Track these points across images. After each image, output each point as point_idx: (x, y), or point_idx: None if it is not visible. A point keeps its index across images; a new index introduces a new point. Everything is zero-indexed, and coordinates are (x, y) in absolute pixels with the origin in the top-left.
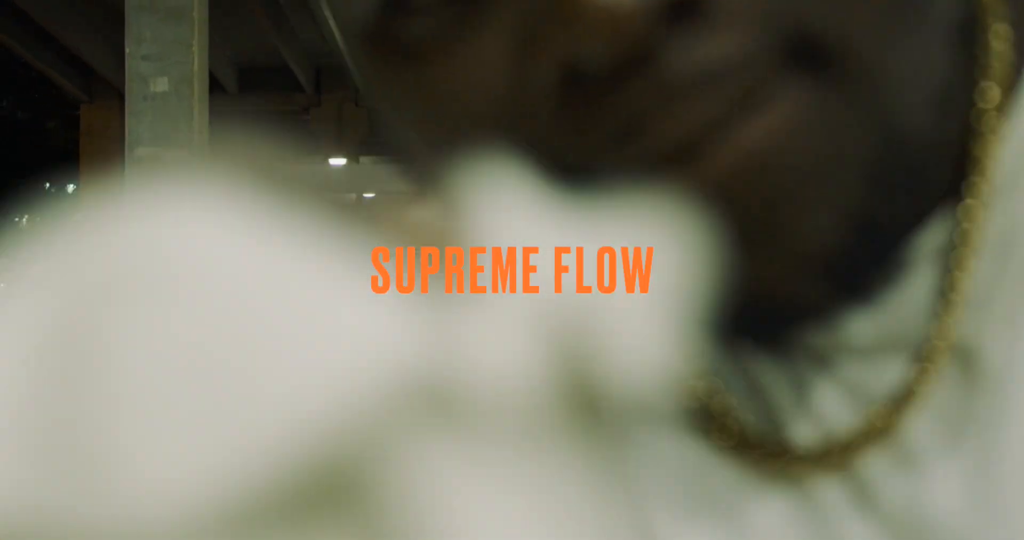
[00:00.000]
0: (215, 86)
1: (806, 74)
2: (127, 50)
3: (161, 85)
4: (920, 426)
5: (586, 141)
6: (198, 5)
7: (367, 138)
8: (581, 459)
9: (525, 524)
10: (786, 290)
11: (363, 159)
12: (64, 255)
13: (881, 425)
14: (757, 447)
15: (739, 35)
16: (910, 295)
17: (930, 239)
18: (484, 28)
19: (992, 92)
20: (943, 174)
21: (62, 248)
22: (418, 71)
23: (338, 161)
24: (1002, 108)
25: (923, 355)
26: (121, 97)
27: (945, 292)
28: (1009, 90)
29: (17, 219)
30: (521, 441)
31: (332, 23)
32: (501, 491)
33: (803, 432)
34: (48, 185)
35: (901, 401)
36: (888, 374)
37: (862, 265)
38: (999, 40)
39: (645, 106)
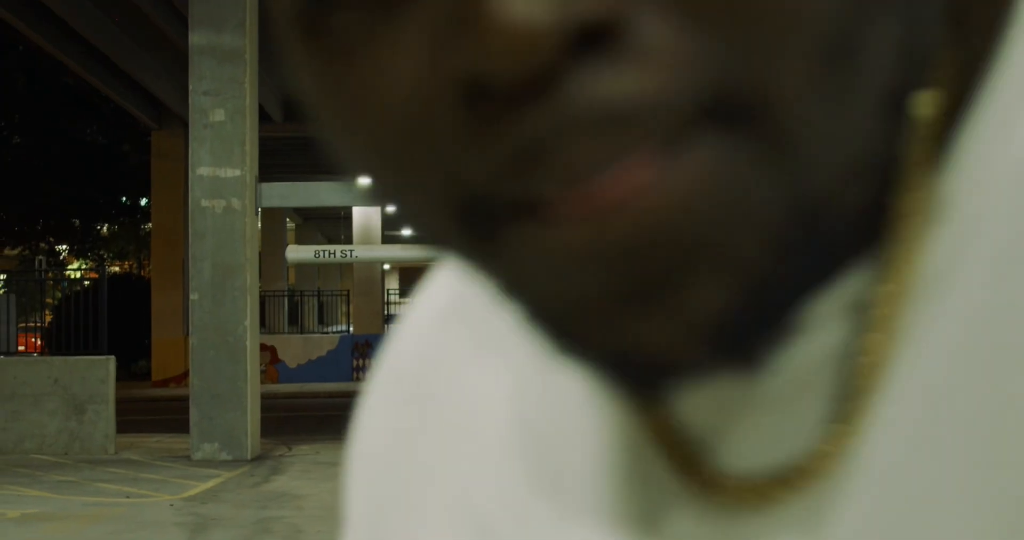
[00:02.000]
0: (264, 116)
1: (721, 129)
2: (190, 86)
3: (218, 115)
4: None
5: (486, 162)
6: (250, 49)
7: None
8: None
9: None
10: (665, 350)
11: None
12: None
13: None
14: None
15: (655, 76)
16: (806, 355)
17: (839, 298)
18: (401, 30)
19: (916, 156)
20: (857, 238)
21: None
22: (337, 69)
23: (367, 179)
24: (926, 173)
25: (838, 417)
26: (185, 125)
27: (856, 353)
28: (933, 156)
29: (98, 227)
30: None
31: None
32: None
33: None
34: (124, 199)
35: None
36: (801, 428)
37: (750, 329)
38: (928, 107)
39: (543, 135)
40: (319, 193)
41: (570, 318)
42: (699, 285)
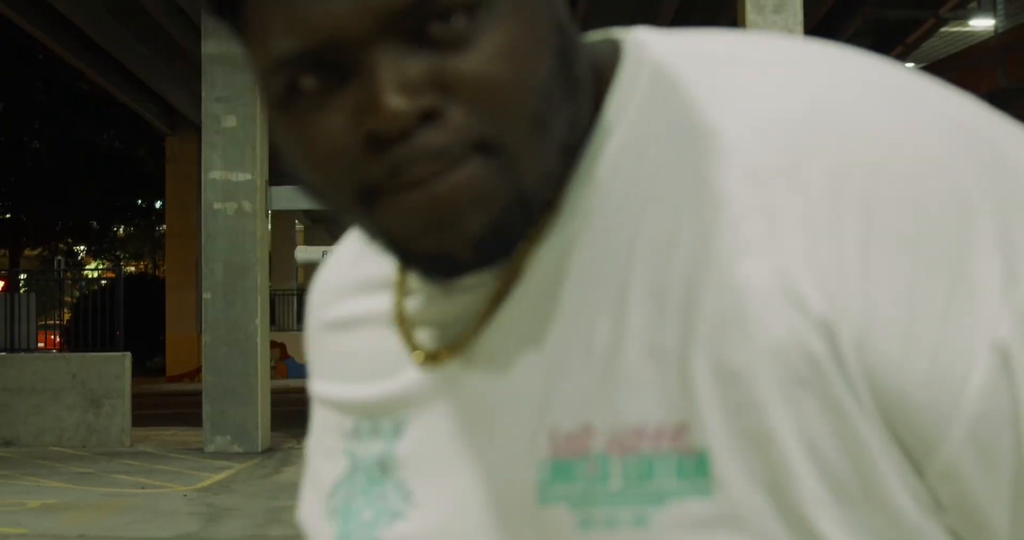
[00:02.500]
0: None
1: (481, 156)
2: (203, 93)
3: (230, 121)
4: (496, 340)
5: (378, 168)
6: None
7: None
8: None
9: None
10: (454, 253)
11: None
12: None
13: (464, 340)
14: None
15: (453, 133)
16: (508, 266)
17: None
18: (334, 107)
19: (568, 170)
20: (544, 208)
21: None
22: (299, 125)
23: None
24: (570, 176)
25: (493, 296)
26: (198, 131)
27: (513, 269)
28: (571, 169)
29: (115, 228)
30: None
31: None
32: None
33: (432, 343)
34: (139, 201)
35: (478, 324)
36: (473, 307)
37: (488, 251)
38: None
39: (405, 157)
40: None
41: (409, 239)
42: (468, 225)
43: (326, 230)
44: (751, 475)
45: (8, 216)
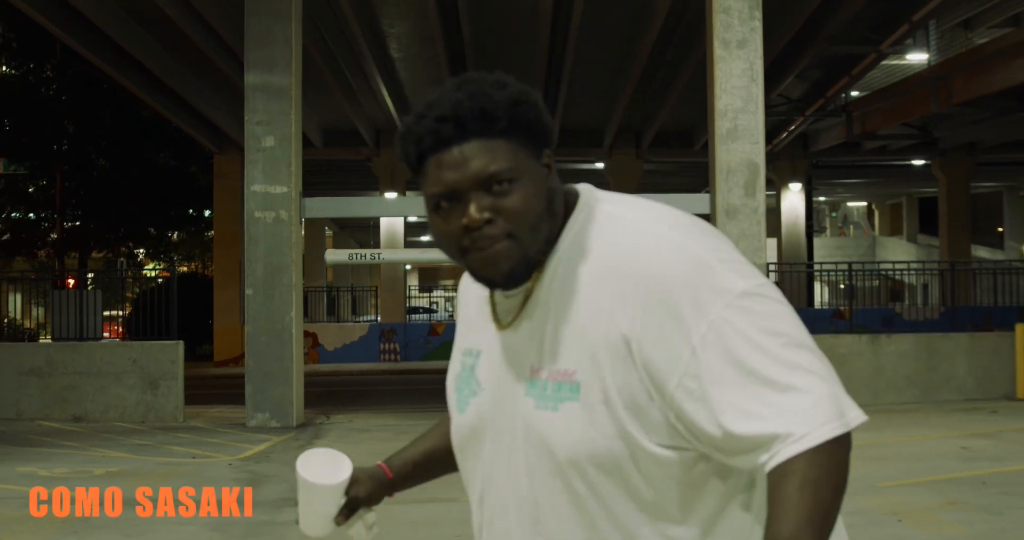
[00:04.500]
0: (306, 142)
1: (509, 238)
2: (246, 118)
3: (269, 142)
4: (521, 315)
5: (467, 243)
6: (295, 87)
7: (410, 178)
8: None
9: None
10: (496, 277)
11: (408, 193)
12: None
13: (511, 320)
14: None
15: (497, 230)
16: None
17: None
18: (456, 211)
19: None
20: (539, 264)
21: None
22: (442, 218)
23: (391, 194)
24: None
25: (522, 301)
26: (241, 150)
27: (529, 290)
28: (554, 247)
29: (170, 234)
30: None
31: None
32: None
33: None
34: (191, 211)
35: (522, 306)
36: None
37: (513, 278)
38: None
39: (476, 239)
40: (353, 206)
41: (478, 272)
42: (501, 268)
43: (351, 236)
44: (598, 395)
45: (78, 223)
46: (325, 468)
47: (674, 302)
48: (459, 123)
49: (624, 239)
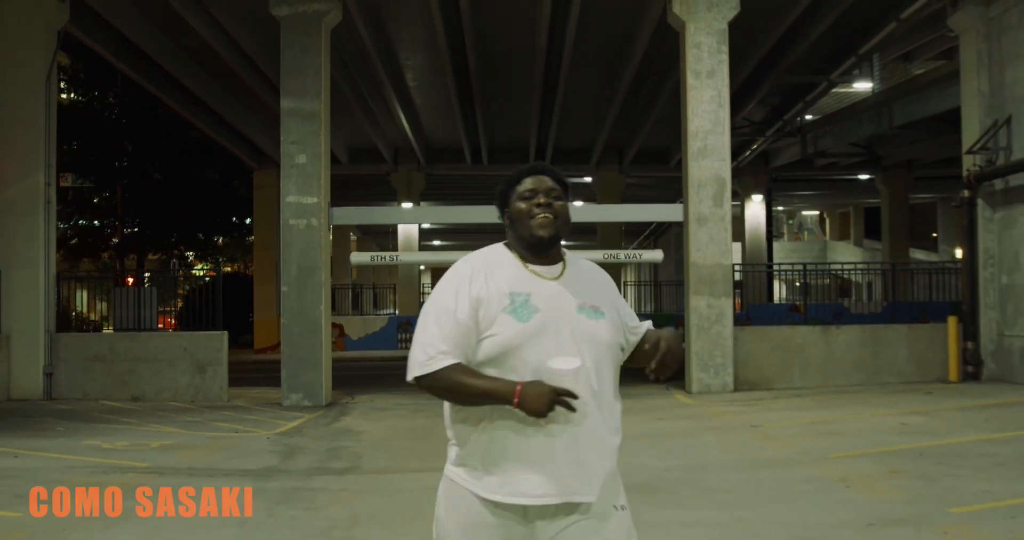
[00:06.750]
0: (334, 159)
1: (554, 219)
2: (281, 138)
3: (301, 159)
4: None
5: (535, 212)
6: (324, 112)
7: (424, 190)
8: None
9: None
10: (547, 240)
11: (423, 203)
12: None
13: (557, 277)
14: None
15: (550, 211)
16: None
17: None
18: (533, 201)
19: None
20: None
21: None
22: (521, 202)
23: (407, 204)
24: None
25: (561, 269)
26: (277, 166)
27: (564, 264)
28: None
29: (216, 239)
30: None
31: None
32: None
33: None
34: (234, 219)
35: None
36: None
37: (551, 242)
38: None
39: (539, 212)
40: (374, 214)
41: (534, 230)
42: (549, 230)
43: (372, 240)
44: (613, 316)
45: (136, 229)
46: None
47: (614, 288)
48: (543, 169)
49: (589, 263)
